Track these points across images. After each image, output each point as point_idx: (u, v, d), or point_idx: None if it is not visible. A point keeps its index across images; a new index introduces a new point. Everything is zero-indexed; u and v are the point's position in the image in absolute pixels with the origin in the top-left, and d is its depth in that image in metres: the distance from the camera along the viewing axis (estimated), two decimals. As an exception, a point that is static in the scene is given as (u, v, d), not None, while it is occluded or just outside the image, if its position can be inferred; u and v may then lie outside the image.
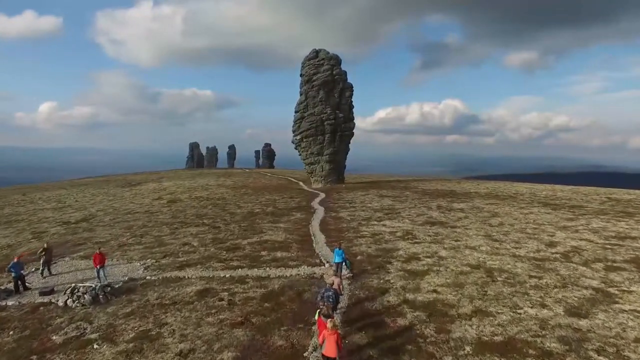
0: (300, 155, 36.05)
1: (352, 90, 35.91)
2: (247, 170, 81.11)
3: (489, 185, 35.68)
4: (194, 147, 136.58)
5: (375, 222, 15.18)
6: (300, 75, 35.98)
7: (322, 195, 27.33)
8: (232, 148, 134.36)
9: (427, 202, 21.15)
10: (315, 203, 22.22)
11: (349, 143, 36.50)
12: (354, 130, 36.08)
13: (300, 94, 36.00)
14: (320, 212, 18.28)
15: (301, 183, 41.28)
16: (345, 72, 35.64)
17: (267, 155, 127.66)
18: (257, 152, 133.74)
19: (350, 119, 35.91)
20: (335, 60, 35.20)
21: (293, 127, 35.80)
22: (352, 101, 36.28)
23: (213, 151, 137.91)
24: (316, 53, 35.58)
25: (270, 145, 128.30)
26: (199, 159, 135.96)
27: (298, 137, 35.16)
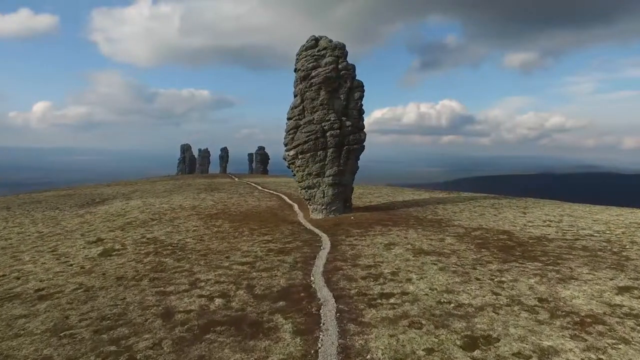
0: (294, 176, 27.48)
1: (363, 91, 27.35)
2: (237, 179, 72.42)
3: (538, 212, 27.29)
4: (186, 149, 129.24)
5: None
6: (295, 70, 27.32)
7: (326, 243, 18.80)
8: (224, 151, 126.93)
9: (505, 278, 12.68)
10: (317, 276, 13.63)
11: (358, 159, 27.94)
12: (364, 143, 27.51)
13: (295, 96, 27.38)
14: (330, 326, 9.64)
15: (296, 207, 32.78)
16: (354, 66, 27.08)
17: (261, 159, 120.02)
18: (250, 155, 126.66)
19: (359, 127, 27.34)
20: (341, 51, 26.60)
21: (285, 139, 27.14)
22: (362, 104, 27.73)
23: (205, 154, 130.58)
24: (316, 41, 26.95)
25: (264, 148, 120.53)
26: (191, 161, 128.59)
27: (292, 153, 26.54)
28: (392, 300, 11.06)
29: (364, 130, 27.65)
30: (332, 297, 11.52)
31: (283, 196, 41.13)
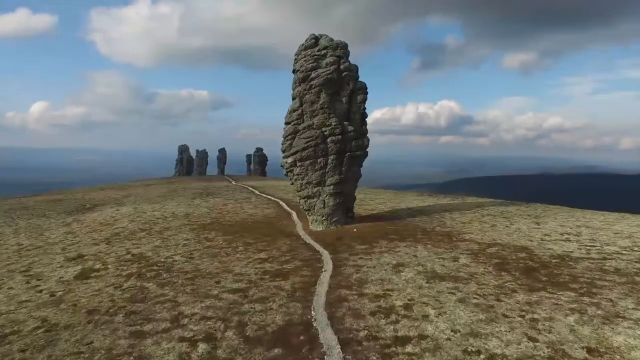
0: (293, 184, 25.66)
1: (366, 93, 25.53)
2: (234, 182, 70.55)
3: (552, 223, 25.49)
4: (183, 150, 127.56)
5: None
6: (293, 71, 25.48)
7: (328, 263, 16.98)
8: (222, 152, 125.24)
9: (538, 315, 10.89)
10: (319, 309, 11.79)
11: (361, 166, 26.14)
12: (367, 150, 25.68)
13: (293, 98, 25.55)
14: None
15: (294, 216, 31.00)
16: (356, 66, 25.25)
17: (259, 160, 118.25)
18: (248, 156, 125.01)
19: (362, 133, 25.52)
20: (343, 51, 24.77)
21: (282, 145, 25.30)
22: (365, 108, 25.92)
23: (203, 155, 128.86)
24: (316, 40, 25.12)
25: (262, 149, 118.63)
26: (189, 163, 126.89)
27: (290, 160, 24.71)
28: (409, 349, 9.25)
29: (367, 135, 25.83)
30: (337, 342, 9.71)
31: (281, 202, 39.30)
